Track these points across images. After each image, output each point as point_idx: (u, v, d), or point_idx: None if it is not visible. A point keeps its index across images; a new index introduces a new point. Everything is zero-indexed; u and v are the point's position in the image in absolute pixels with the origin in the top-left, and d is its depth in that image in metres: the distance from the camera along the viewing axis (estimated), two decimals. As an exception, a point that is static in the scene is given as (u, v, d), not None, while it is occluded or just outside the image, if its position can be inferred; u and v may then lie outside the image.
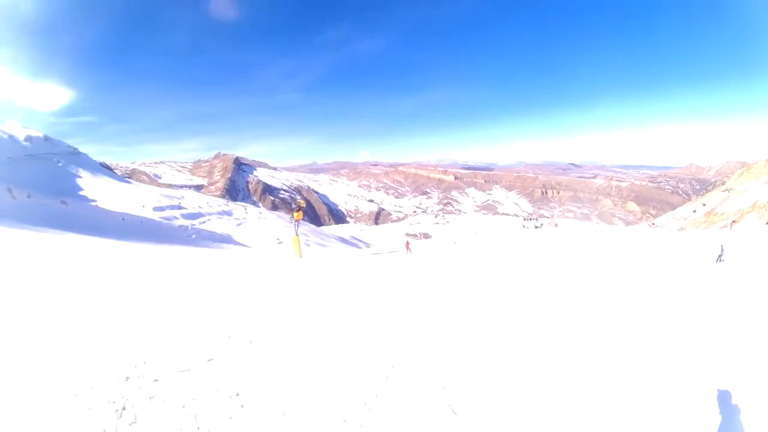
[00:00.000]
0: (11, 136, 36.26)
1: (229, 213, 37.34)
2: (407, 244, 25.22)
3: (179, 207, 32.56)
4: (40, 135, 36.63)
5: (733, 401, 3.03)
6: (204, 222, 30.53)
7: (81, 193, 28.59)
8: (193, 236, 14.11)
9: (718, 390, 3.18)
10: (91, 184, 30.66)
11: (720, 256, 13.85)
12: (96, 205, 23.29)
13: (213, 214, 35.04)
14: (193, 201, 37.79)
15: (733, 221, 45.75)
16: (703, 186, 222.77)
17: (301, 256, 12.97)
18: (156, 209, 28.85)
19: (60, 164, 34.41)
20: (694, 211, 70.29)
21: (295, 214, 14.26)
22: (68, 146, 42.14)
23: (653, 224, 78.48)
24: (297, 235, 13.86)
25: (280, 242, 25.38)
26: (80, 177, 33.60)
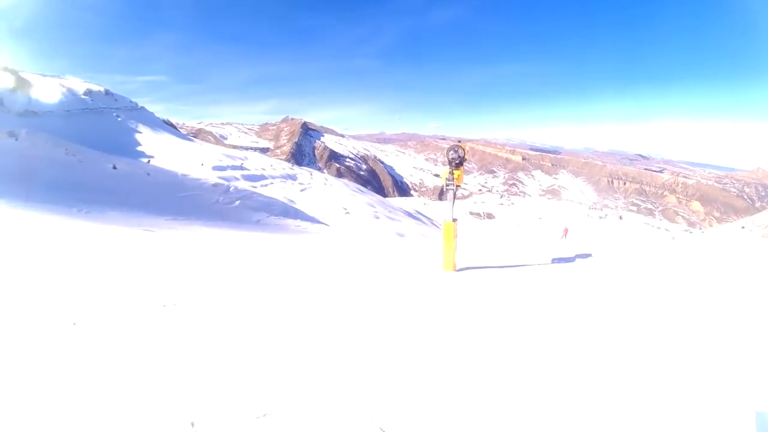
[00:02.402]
0: (70, 90, 36.92)
1: (293, 177, 34.31)
2: (566, 230, 23.96)
3: (241, 168, 30.10)
4: (101, 89, 36.86)
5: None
6: (266, 185, 27.54)
7: (139, 148, 27.29)
8: (237, 203, 8.58)
9: None
10: (150, 140, 29.28)
11: None
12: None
13: (276, 177, 32.22)
14: (256, 162, 35.40)
15: (837, 237, 34.04)
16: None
17: (454, 268, 5.94)
18: (216, 168, 26.59)
19: (120, 119, 33.99)
20: (780, 221, 53.85)
21: (455, 173, 6.03)
22: (130, 102, 42.22)
23: (743, 227, 64.83)
24: (453, 219, 6.07)
25: (348, 212, 23.19)
26: (140, 133, 32.59)
